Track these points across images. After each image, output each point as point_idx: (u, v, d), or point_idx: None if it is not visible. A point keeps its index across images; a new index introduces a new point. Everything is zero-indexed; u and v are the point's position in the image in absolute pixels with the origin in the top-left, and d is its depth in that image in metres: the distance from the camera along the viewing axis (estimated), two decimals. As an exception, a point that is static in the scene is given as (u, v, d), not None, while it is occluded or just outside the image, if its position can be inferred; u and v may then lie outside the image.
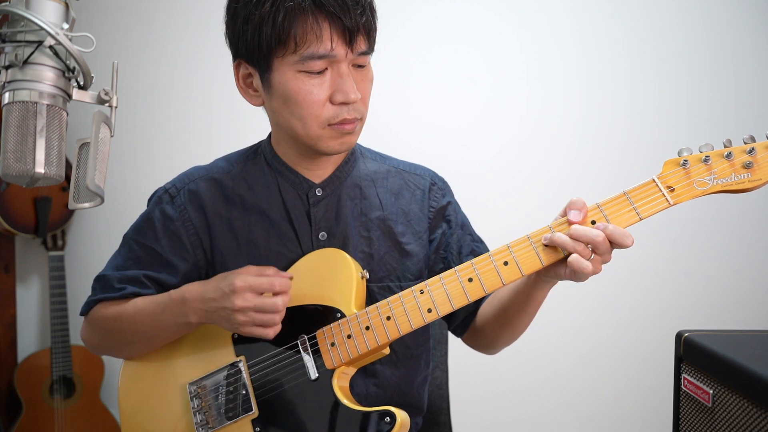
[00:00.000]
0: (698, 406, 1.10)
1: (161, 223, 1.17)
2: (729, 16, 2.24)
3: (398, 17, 2.29)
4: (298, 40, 1.01)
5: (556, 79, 2.29)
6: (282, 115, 1.09)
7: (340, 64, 1.04)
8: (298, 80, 1.04)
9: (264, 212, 1.16)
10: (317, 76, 1.04)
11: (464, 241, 1.23)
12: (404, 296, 1.05)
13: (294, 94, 1.04)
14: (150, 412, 1.18)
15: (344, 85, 1.03)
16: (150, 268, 1.16)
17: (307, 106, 1.05)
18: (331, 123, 1.06)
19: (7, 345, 2.46)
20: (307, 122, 1.06)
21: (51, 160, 0.73)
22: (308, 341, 1.09)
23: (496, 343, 1.22)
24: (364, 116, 1.10)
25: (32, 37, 0.73)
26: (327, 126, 1.06)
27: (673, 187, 0.97)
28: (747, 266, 2.26)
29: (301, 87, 1.04)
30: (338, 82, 1.04)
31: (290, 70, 1.04)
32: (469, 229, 1.26)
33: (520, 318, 1.14)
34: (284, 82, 1.05)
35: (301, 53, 1.01)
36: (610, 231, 0.95)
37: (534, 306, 1.12)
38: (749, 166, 0.94)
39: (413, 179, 1.24)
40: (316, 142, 1.08)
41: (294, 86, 1.04)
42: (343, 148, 1.10)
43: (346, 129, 1.07)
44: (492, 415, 2.33)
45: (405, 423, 1.04)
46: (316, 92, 1.04)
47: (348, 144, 1.10)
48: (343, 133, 1.07)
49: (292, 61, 1.03)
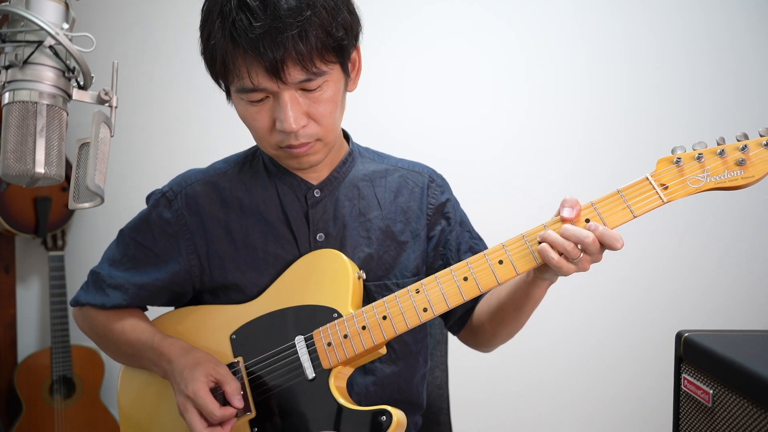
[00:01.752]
0: (698, 406, 1.10)
1: (158, 226, 1.18)
2: (728, 16, 2.24)
3: (398, 17, 2.29)
4: (228, 77, 1.01)
5: (556, 79, 2.29)
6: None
7: (279, 93, 1.00)
8: (242, 106, 1.05)
9: (261, 214, 1.17)
10: (258, 104, 1.03)
11: (463, 238, 1.23)
12: (400, 296, 1.06)
13: (243, 118, 1.07)
14: (149, 412, 1.19)
15: (281, 115, 1.00)
16: (140, 269, 1.18)
17: (254, 130, 1.07)
18: (281, 146, 1.06)
19: (7, 345, 2.46)
20: (261, 143, 1.09)
21: (51, 160, 0.73)
22: (305, 341, 1.09)
23: (492, 341, 1.22)
24: (323, 137, 1.06)
25: (32, 37, 0.73)
26: (279, 148, 1.06)
27: (666, 185, 0.97)
28: (747, 266, 2.26)
29: (246, 113, 1.05)
30: (277, 110, 1.01)
31: (237, 96, 1.05)
32: (468, 226, 1.26)
33: (518, 316, 1.14)
34: (236, 106, 1.07)
35: (236, 86, 1.02)
36: (600, 232, 0.95)
37: (531, 304, 1.12)
38: (742, 163, 0.95)
39: (412, 177, 1.24)
40: (277, 160, 1.11)
41: (242, 111, 1.06)
42: (305, 166, 1.10)
43: (295, 153, 1.06)
44: (492, 415, 2.33)
45: (401, 422, 1.04)
46: (259, 119, 1.04)
47: (310, 163, 1.09)
48: (296, 156, 1.07)
49: (233, 89, 1.04)
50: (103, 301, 1.19)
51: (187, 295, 1.21)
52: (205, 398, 1.03)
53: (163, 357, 1.11)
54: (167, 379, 1.12)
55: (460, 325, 1.25)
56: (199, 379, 1.05)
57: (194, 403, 1.04)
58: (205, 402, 1.03)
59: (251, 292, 1.15)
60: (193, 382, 1.04)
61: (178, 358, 1.09)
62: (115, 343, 1.19)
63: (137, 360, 1.18)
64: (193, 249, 1.17)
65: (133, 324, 1.18)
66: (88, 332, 1.25)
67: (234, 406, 1.06)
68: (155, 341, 1.13)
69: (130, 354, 1.18)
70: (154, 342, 1.13)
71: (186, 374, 1.06)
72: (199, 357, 1.09)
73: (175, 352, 1.11)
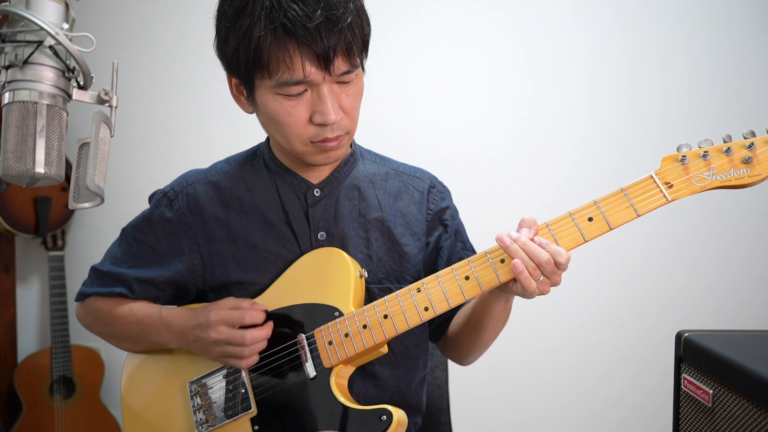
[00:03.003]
0: (698, 406, 1.10)
1: (160, 225, 1.18)
2: (731, 12, 2.23)
3: (397, 17, 2.29)
4: (271, 68, 0.99)
5: (558, 78, 2.29)
6: (268, 130, 1.12)
7: (319, 86, 1.01)
8: (277, 101, 1.03)
9: (262, 213, 1.17)
10: (296, 98, 1.02)
11: (455, 248, 1.23)
12: (401, 295, 1.06)
13: (275, 115, 1.05)
14: (152, 411, 1.19)
15: (323, 107, 1.01)
16: (143, 266, 1.18)
17: (287, 126, 1.05)
18: (314, 141, 1.06)
19: (7, 345, 2.46)
20: (290, 140, 1.07)
21: (51, 160, 0.73)
22: (306, 340, 1.09)
23: (464, 353, 1.24)
24: (350, 130, 1.08)
25: (32, 37, 0.73)
26: (310, 144, 1.06)
27: (671, 183, 0.96)
28: (747, 266, 2.26)
29: (280, 108, 1.03)
30: (317, 103, 1.02)
31: (269, 92, 1.03)
32: (463, 237, 1.26)
33: (480, 330, 1.16)
34: (265, 102, 1.05)
35: (276, 79, 1.00)
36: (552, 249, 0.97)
37: (491, 319, 1.13)
38: (749, 161, 0.94)
39: (412, 182, 1.24)
40: (301, 157, 1.10)
41: (273, 107, 1.04)
42: (330, 161, 1.11)
43: (329, 146, 1.07)
44: (492, 415, 2.33)
45: (402, 421, 1.04)
46: (296, 113, 1.03)
47: (334, 157, 1.10)
48: (327, 150, 1.07)
49: (269, 84, 1.02)
50: (110, 289, 1.20)
51: (190, 294, 1.21)
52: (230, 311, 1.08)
53: (172, 324, 1.13)
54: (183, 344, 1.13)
55: (438, 335, 1.27)
56: (215, 307, 1.09)
57: (224, 321, 1.07)
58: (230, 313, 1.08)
59: (253, 291, 1.16)
60: (212, 311, 1.08)
61: (187, 315, 1.13)
62: (123, 325, 1.19)
63: (146, 337, 1.17)
64: (195, 248, 1.17)
65: (140, 304, 1.19)
66: (93, 325, 1.24)
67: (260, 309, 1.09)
68: (162, 312, 1.16)
69: (137, 333, 1.18)
70: (162, 313, 1.16)
71: (201, 315, 1.09)
72: (206, 304, 1.14)
73: (182, 312, 1.14)
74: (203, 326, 1.08)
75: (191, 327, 1.10)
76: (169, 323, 1.14)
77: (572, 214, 0.99)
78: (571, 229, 0.99)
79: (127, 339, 1.21)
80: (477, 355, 1.24)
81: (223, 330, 1.06)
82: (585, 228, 0.98)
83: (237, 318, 1.07)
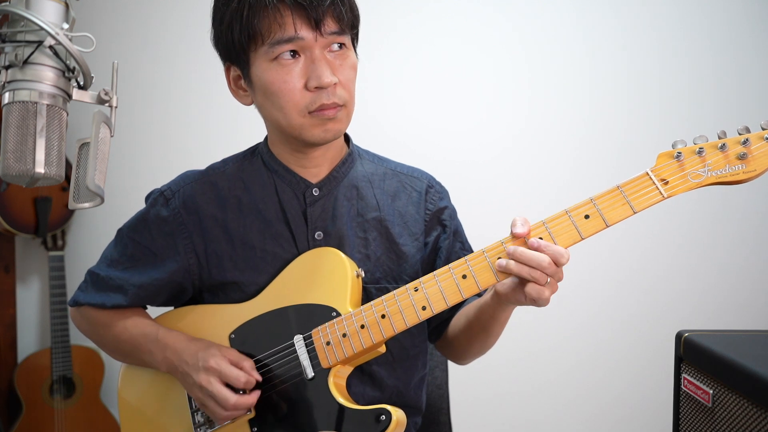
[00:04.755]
0: (698, 406, 1.10)
1: (156, 225, 1.18)
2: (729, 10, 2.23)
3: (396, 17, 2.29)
4: (264, 32, 1.03)
5: (555, 76, 2.29)
6: (266, 109, 1.11)
7: (312, 50, 1.04)
8: (271, 70, 1.05)
9: (260, 212, 1.16)
10: (290, 63, 1.04)
11: (453, 249, 1.22)
12: (399, 294, 1.05)
13: (270, 85, 1.06)
14: (149, 412, 1.18)
15: (317, 70, 1.03)
16: (139, 267, 1.18)
17: (283, 95, 1.06)
18: (311, 110, 1.06)
19: (7, 345, 2.46)
20: (287, 112, 1.07)
21: (51, 160, 0.73)
22: (304, 340, 1.09)
23: (464, 355, 1.25)
24: (347, 103, 1.08)
25: (32, 37, 0.73)
26: (307, 114, 1.06)
27: (667, 180, 0.96)
28: (747, 266, 2.26)
29: (276, 77, 1.05)
30: (311, 67, 1.04)
31: (264, 62, 1.05)
32: (461, 237, 1.26)
33: (485, 336, 1.17)
34: (260, 74, 1.06)
35: (269, 41, 1.03)
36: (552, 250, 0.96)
37: (497, 326, 1.14)
38: (743, 157, 0.94)
39: (410, 181, 1.23)
40: (300, 132, 1.09)
41: (269, 77, 1.05)
42: (329, 135, 1.09)
43: (327, 115, 1.06)
44: (492, 415, 2.33)
45: (401, 421, 1.04)
46: (290, 80, 1.05)
47: (333, 131, 1.09)
48: (325, 119, 1.07)
49: (263, 52, 1.05)
50: (103, 300, 1.19)
51: (187, 293, 1.21)
52: (230, 367, 1.06)
53: (168, 348, 1.12)
54: (171, 371, 1.12)
55: (437, 335, 1.27)
56: (217, 354, 1.08)
57: (219, 374, 1.06)
58: (229, 370, 1.06)
59: (250, 291, 1.15)
60: (213, 357, 1.07)
61: (187, 346, 1.11)
62: (116, 341, 1.19)
63: (137, 355, 1.17)
64: (191, 247, 1.17)
65: (135, 321, 1.18)
66: (86, 331, 1.25)
67: (256, 378, 1.08)
68: (159, 334, 1.15)
69: (129, 350, 1.18)
70: (159, 334, 1.14)
71: (201, 354, 1.08)
72: (208, 341, 1.13)
73: (182, 341, 1.13)
74: (197, 367, 1.08)
75: (185, 361, 1.09)
76: (165, 345, 1.13)
77: (569, 211, 0.99)
78: (567, 226, 0.99)
79: (118, 353, 1.22)
80: (478, 357, 1.25)
81: (214, 382, 1.06)
82: (581, 225, 0.98)
83: (233, 378, 1.06)
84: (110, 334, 1.20)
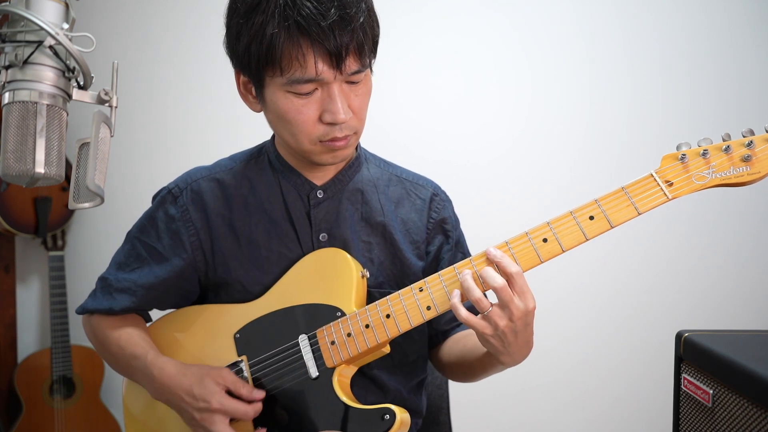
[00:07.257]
0: (698, 406, 1.10)
1: (163, 223, 1.18)
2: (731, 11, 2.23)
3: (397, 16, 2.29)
4: (283, 65, 0.99)
5: (559, 81, 2.29)
6: (277, 128, 1.11)
7: (330, 85, 1.02)
8: (287, 99, 1.03)
9: (266, 212, 1.16)
10: (306, 96, 1.02)
11: (455, 259, 1.22)
12: (403, 294, 1.06)
13: (284, 113, 1.04)
14: (154, 411, 1.18)
15: (333, 106, 1.02)
16: (146, 266, 1.18)
17: (297, 124, 1.05)
18: (323, 140, 1.06)
19: (7, 345, 2.46)
20: (299, 139, 1.07)
21: (51, 160, 0.73)
22: (309, 340, 1.09)
23: (451, 377, 1.28)
24: (358, 130, 1.08)
25: (32, 37, 0.73)
26: (318, 143, 1.06)
27: (671, 182, 0.97)
28: (747, 266, 2.26)
29: (290, 106, 1.03)
30: (327, 102, 1.02)
31: (279, 90, 1.03)
32: (463, 247, 1.26)
33: (471, 373, 1.20)
34: (275, 100, 1.05)
35: (288, 77, 1.00)
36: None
37: (481, 371, 1.16)
38: (748, 159, 0.95)
39: (415, 189, 1.23)
40: (309, 156, 1.09)
41: (283, 105, 1.04)
42: (337, 160, 1.11)
43: (337, 146, 1.06)
44: (492, 416, 2.33)
45: (405, 421, 1.04)
46: (306, 111, 1.03)
47: (341, 157, 1.10)
48: (335, 149, 1.07)
49: (280, 82, 1.02)
50: (110, 305, 1.18)
51: (195, 292, 1.20)
52: (232, 402, 1.06)
53: (155, 380, 1.10)
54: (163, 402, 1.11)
55: (430, 345, 1.27)
56: (215, 390, 1.06)
57: (224, 413, 1.05)
58: (234, 407, 1.06)
59: (254, 290, 1.15)
60: (212, 395, 1.05)
61: (178, 382, 1.08)
62: (111, 355, 1.19)
63: (132, 374, 1.17)
64: (198, 244, 1.16)
65: (129, 334, 1.17)
66: (92, 341, 1.24)
67: (258, 400, 1.08)
68: (148, 359, 1.12)
69: (123, 366, 1.18)
70: (147, 360, 1.12)
71: (197, 391, 1.06)
72: (199, 371, 1.09)
73: (171, 376, 1.09)
74: (198, 408, 1.06)
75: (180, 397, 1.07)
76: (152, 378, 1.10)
77: (573, 212, 0.99)
78: (572, 227, 0.99)
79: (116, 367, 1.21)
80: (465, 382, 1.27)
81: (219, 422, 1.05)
82: (586, 226, 0.99)
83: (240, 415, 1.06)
84: (108, 350, 1.19)
